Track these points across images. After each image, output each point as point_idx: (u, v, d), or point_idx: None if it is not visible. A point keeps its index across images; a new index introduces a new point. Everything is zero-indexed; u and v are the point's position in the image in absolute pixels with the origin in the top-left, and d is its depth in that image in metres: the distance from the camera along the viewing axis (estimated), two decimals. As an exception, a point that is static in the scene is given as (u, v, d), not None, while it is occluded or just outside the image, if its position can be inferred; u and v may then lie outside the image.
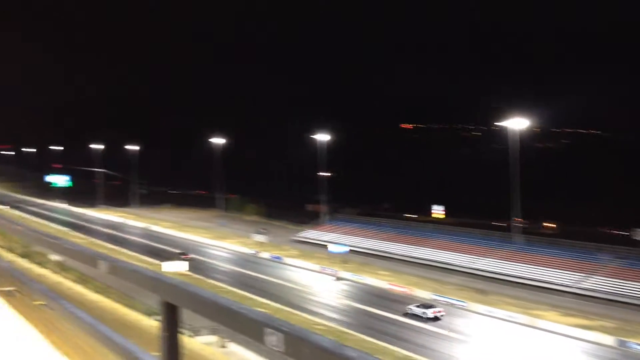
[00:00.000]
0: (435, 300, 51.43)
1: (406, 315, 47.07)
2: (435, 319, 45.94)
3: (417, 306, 47.66)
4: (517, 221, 67.70)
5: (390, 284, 57.36)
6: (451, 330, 43.47)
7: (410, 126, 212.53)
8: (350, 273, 61.06)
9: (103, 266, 2.34)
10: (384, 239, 75.15)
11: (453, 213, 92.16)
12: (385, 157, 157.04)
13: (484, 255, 64.51)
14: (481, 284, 57.21)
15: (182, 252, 68.87)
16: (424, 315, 46.24)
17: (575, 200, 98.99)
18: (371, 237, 76.75)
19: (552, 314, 47.17)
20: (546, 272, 57.95)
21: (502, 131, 71.46)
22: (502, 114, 70.68)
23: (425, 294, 53.43)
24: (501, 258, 63.14)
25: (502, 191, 70.67)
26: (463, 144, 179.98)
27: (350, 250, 70.05)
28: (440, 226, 78.19)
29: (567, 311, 48.13)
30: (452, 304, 50.51)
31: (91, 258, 2.45)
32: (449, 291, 54.56)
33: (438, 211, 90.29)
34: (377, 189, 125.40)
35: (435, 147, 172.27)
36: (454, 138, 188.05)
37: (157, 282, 1.85)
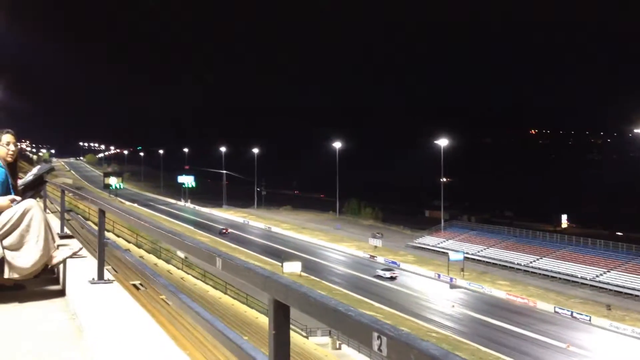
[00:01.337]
0: (557, 313, 49.19)
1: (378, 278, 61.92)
2: (392, 278, 61.43)
3: (382, 269, 63.77)
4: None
5: (509, 294, 55.34)
6: (572, 344, 41.33)
7: (534, 132, 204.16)
8: (468, 281, 59.53)
9: (219, 263, 2.40)
10: (503, 248, 72.47)
11: (578, 222, 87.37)
12: (507, 164, 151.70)
13: (611, 268, 60.34)
14: (607, 298, 53.66)
15: (223, 228, 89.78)
16: (384, 275, 62.04)
17: None
18: (490, 246, 74.26)
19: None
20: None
21: (637, 138, 66.57)
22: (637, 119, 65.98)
23: (546, 307, 51.09)
24: (629, 272, 58.72)
25: (634, 201, 66.06)
26: (591, 150, 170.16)
27: (468, 258, 68.12)
28: (563, 236, 74.30)
29: None
30: (575, 318, 47.97)
31: (208, 255, 2.52)
32: (572, 304, 51.81)
33: (562, 220, 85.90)
34: (498, 196, 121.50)
35: (562, 153, 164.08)
36: (581, 144, 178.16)
37: (268, 281, 1.86)
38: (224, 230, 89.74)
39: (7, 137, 5.09)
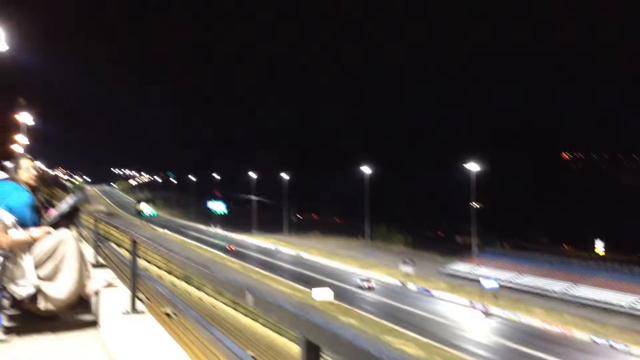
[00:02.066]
0: (594, 342, 47.93)
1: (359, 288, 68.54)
2: (370, 288, 67.94)
3: (361, 280, 70.60)
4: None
5: (545, 323, 54.09)
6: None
7: (568, 155, 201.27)
8: (502, 309, 58.40)
9: (249, 298, 2.39)
10: (538, 275, 71.05)
11: (614, 248, 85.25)
12: (540, 188, 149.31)
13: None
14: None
15: (228, 245, 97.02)
16: (362, 285, 68.78)
17: None
18: (524, 273, 72.89)
19: None
20: None
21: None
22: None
23: (583, 335, 49.82)
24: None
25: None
26: (627, 174, 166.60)
27: (501, 285, 66.90)
28: (599, 262, 72.59)
29: None
30: (614, 347, 46.61)
31: (239, 289, 2.51)
32: (610, 333, 50.38)
33: (598, 246, 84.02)
34: (531, 222, 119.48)
35: (596, 177, 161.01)
36: (616, 168, 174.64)
37: (298, 319, 1.85)
38: (230, 248, 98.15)
39: (27, 163, 5.31)
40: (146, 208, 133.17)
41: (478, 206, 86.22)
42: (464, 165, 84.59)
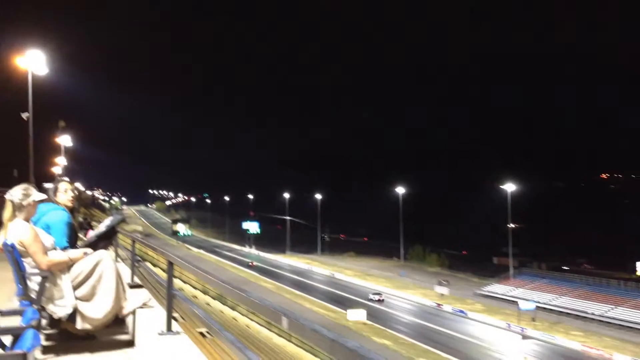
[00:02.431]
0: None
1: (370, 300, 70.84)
2: (380, 301, 71.17)
3: (373, 294, 73.39)
4: None
5: (584, 345, 52.64)
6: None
7: (606, 176, 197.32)
8: (540, 332, 57.07)
9: (285, 322, 2.37)
10: (576, 297, 69.31)
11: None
12: (578, 209, 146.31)
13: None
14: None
15: (250, 261, 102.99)
16: (374, 298, 71.67)
17: None
18: (562, 294, 71.22)
19: None
20: None
21: None
22: None
23: (624, 358, 48.27)
24: None
25: None
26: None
27: (539, 307, 65.43)
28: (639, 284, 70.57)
29: None
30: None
31: (274, 313, 2.50)
32: (653, 357, 48.69)
33: (638, 268, 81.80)
34: (569, 243, 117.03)
35: (636, 198, 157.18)
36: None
37: (335, 345, 1.82)
38: (251, 264, 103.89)
39: (65, 185, 5.49)
40: (182, 228, 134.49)
41: (515, 227, 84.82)
42: (500, 186, 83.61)
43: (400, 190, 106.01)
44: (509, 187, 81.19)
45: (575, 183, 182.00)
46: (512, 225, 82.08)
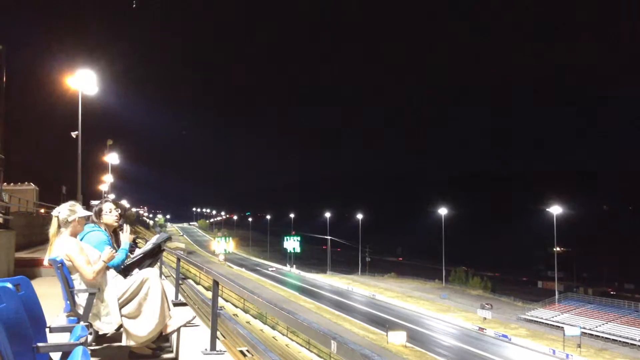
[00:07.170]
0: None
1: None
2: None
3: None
4: None
5: (634, 375, 50.82)
6: None
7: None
8: (585, 358, 55.31)
9: (333, 346, 2.33)
10: (624, 323, 66.99)
11: None
12: (626, 232, 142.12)
13: None
14: None
15: (272, 268, 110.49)
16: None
17: None
18: (609, 320, 68.92)
19: None
20: None
21: None
22: None
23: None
24: None
25: None
26: None
27: (585, 333, 63.46)
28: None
29: None
30: None
31: (323, 336, 2.46)
32: None
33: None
34: (617, 267, 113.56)
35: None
36: None
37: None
38: (272, 269, 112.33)
39: (109, 205, 5.59)
40: (223, 246, 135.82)
41: (561, 250, 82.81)
42: (546, 209, 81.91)
43: (443, 211, 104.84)
44: (555, 210, 79.47)
45: (624, 206, 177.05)
46: (558, 248, 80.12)
